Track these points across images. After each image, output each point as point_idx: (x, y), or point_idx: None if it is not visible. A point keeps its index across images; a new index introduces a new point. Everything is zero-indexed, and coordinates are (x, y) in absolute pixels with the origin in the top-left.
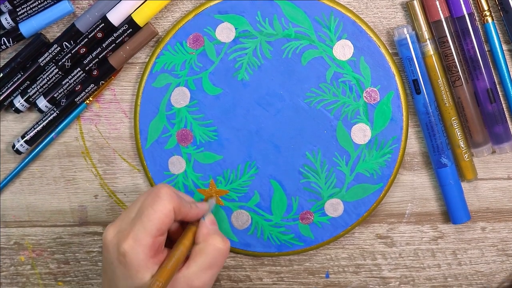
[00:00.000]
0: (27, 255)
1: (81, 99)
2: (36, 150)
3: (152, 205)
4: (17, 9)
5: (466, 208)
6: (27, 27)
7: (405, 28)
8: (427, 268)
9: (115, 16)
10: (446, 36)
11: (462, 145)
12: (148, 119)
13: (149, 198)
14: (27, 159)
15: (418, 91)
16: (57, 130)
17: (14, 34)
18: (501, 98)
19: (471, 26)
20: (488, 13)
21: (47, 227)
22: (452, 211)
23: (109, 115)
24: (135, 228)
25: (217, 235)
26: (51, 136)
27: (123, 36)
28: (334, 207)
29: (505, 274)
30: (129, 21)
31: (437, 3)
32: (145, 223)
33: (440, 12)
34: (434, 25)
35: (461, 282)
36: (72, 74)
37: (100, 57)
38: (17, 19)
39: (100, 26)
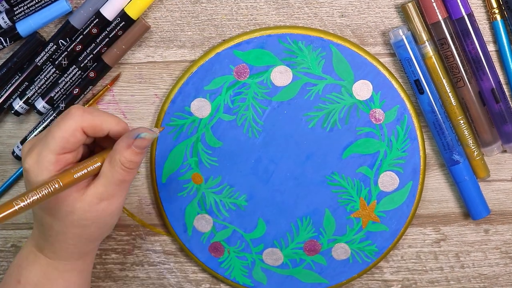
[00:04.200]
0: None
1: (79, 102)
2: None
3: (59, 123)
4: (14, 8)
5: (484, 202)
6: (24, 27)
7: (400, 30)
8: (429, 271)
9: (109, 11)
10: (446, 37)
11: (471, 144)
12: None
13: (59, 118)
14: None
15: (421, 91)
16: None
17: (11, 34)
18: (509, 97)
19: (471, 27)
20: (497, 11)
21: None
22: (471, 207)
23: None
24: (40, 145)
25: (129, 156)
26: None
27: (116, 30)
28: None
29: (509, 277)
30: (122, 14)
31: (435, 5)
32: (49, 140)
33: (438, 14)
34: (432, 27)
35: (464, 285)
36: (68, 73)
37: (94, 52)
38: (14, 18)
39: (94, 22)
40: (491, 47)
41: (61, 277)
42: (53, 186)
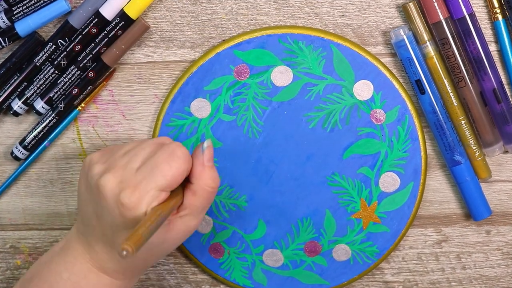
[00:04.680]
0: (24, 259)
1: (79, 103)
2: (32, 156)
3: (169, 161)
4: (13, 8)
5: (486, 203)
6: (23, 27)
7: (401, 30)
8: (430, 272)
9: (108, 10)
10: (447, 37)
11: (472, 144)
12: None
13: (164, 154)
14: (23, 165)
15: (422, 91)
16: (50, 137)
17: (10, 34)
18: (511, 97)
19: (473, 27)
20: (499, 10)
21: (43, 231)
22: (472, 207)
23: (107, 116)
24: (145, 182)
25: (210, 176)
26: (43, 144)
27: (116, 30)
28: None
29: (510, 278)
30: (122, 14)
31: (436, 4)
32: (158, 179)
33: (440, 13)
34: (434, 27)
35: (465, 287)
36: (67, 73)
37: (93, 52)
38: (13, 18)
39: (93, 22)
40: (492, 47)
41: None
42: (160, 217)
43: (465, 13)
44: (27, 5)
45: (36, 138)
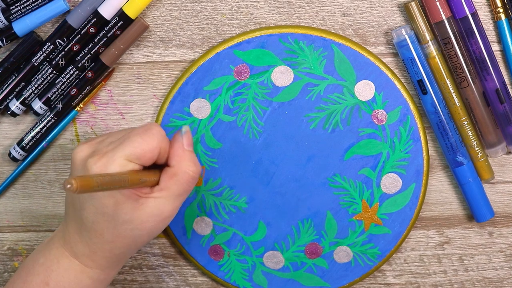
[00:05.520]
0: (21, 261)
1: (77, 103)
2: (30, 157)
3: (141, 135)
4: (11, 8)
5: (488, 204)
6: (21, 26)
7: (403, 29)
8: (432, 274)
9: (107, 10)
10: (450, 37)
11: (475, 145)
12: None
13: (139, 129)
14: (21, 166)
15: (424, 91)
16: (48, 138)
17: (7, 33)
18: None
19: (476, 26)
20: (501, 10)
21: (41, 232)
22: (475, 209)
23: (106, 116)
24: (114, 150)
25: (191, 160)
26: (41, 145)
27: (114, 30)
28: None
29: None
30: (120, 14)
31: (438, 4)
32: (127, 148)
33: (442, 13)
34: (436, 26)
35: None
36: (65, 73)
37: (92, 52)
38: (11, 17)
39: (92, 21)
40: (495, 47)
41: (93, 286)
42: (123, 179)
43: (468, 13)
44: (25, 4)
45: (34, 139)
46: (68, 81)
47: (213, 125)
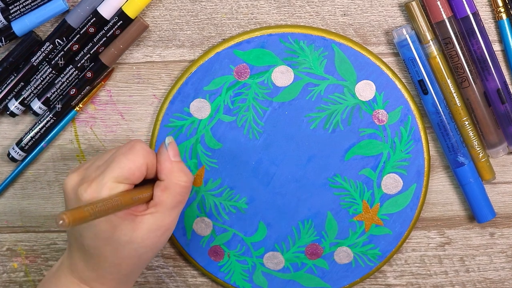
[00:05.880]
0: (20, 262)
1: (77, 103)
2: (29, 158)
3: (126, 154)
4: (10, 7)
5: (490, 205)
6: (20, 26)
7: (404, 29)
8: (433, 275)
9: (106, 10)
10: (451, 37)
11: (476, 145)
12: None
13: (123, 149)
14: (20, 166)
15: (425, 91)
16: (47, 138)
17: (6, 33)
18: None
19: (477, 26)
20: (503, 9)
21: (40, 233)
22: (476, 209)
23: (105, 117)
24: (102, 174)
25: (181, 170)
26: (41, 145)
27: (114, 29)
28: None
29: None
30: (120, 13)
31: (439, 3)
32: (115, 170)
33: (443, 12)
34: (437, 26)
35: None
36: (64, 73)
37: (91, 52)
38: (10, 17)
39: (91, 21)
40: (496, 47)
41: None
42: (115, 202)
43: (469, 12)
44: (24, 4)
45: (33, 139)
46: (68, 81)
47: (213, 125)
